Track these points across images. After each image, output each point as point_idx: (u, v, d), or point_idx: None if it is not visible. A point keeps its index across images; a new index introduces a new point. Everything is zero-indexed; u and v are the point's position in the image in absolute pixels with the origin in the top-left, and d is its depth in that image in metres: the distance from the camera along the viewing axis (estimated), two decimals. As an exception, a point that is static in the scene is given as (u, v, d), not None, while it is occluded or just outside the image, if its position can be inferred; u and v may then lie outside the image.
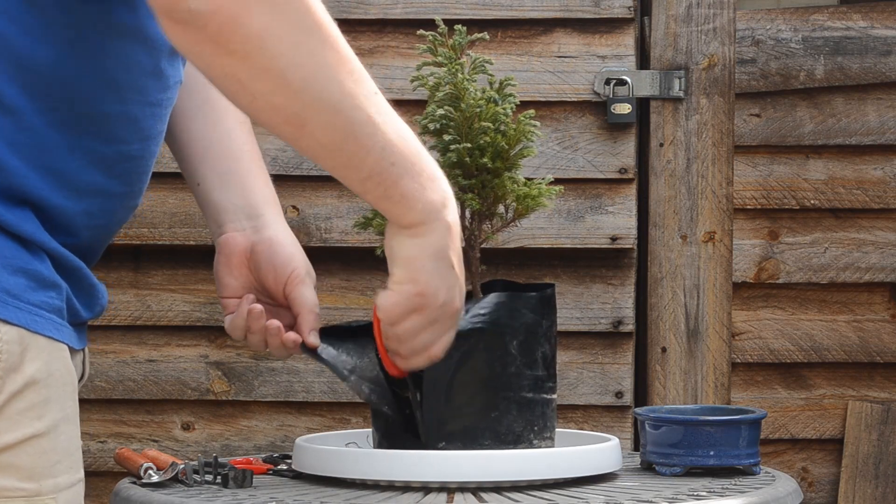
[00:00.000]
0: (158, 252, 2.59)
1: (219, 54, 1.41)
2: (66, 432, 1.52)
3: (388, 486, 1.67)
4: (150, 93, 1.60)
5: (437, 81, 1.76)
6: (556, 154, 2.56)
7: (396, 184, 1.54)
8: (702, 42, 2.57)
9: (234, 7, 1.39)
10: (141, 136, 1.61)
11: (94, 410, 2.59)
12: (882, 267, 2.60)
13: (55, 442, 1.50)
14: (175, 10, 1.38)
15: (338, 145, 1.50)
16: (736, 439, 1.78)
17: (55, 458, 1.50)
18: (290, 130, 1.48)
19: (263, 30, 1.41)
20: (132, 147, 1.60)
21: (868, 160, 2.60)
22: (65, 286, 1.54)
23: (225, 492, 1.67)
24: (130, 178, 1.62)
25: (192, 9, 1.38)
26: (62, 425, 1.51)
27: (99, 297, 1.62)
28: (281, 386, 2.59)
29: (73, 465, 1.53)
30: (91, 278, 1.60)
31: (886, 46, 2.59)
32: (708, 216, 2.57)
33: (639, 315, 2.60)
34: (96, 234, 1.61)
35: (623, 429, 2.56)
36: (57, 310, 1.52)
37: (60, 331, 1.52)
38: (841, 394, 2.62)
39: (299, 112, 1.46)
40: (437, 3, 2.55)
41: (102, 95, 1.55)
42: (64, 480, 1.51)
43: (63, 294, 1.53)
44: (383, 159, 1.52)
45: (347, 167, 1.52)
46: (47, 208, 1.52)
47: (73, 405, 1.54)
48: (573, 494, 1.63)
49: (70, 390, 1.54)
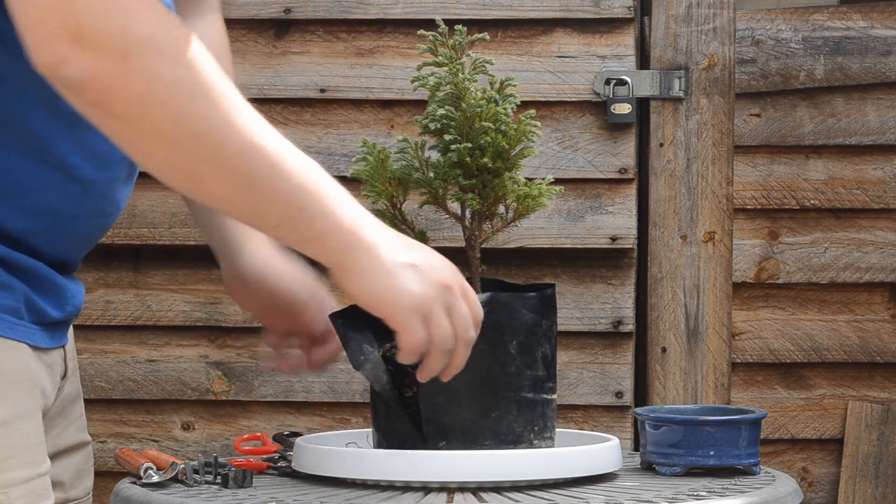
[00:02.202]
0: (158, 252, 2.59)
1: (104, 117, 1.41)
2: (21, 428, 1.52)
3: (388, 486, 1.67)
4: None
5: (438, 81, 1.75)
6: (556, 154, 2.56)
7: (310, 226, 1.52)
8: (702, 42, 2.57)
9: (110, 74, 1.38)
10: (97, 160, 1.60)
11: (94, 410, 2.59)
12: (882, 267, 2.60)
13: (8, 438, 1.50)
14: (55, 77, 1.39)
15: (240, 197, 1.49)
16: (736, 439, 1.78)
17: (8, 452, 1.50)
18: (189, 186, 1.49)
19: (145, 94, 1.40)
20: (84, 171, 1.60)
21: (868, 160, 2.61)
22: (20, 286, 1.54)
23: (225, 492, 1.67)
24: (87, 201, 1.62)
25: (69, 76, 1.38)
26: (16, 422, 1.51)
27: (69, 297, 1.62)
28: (281, 386, 2.59)
29: (32, 461, 1.53)
30: (55, 278, 1.60)
31: (886, 46, 2.59)
32: (708, 216, 2.57)
33: (639, 315, 2.60)
34: (56, 247, 1.61)
35: (623, 429, 2.56)
36: (11, 309, 1.52)
37: (14, 329, 1.52)
38: (841, 394, 2.62)
39: (194, 169, 1.45)
40: (436, 3, 2.55)
41: (41, 116, 1.55)
42: (19, 475, 1.51)
43: (17, 294, 1.53)
44: (290, 205, 1.51)
45: (255, 216, 1.52)
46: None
47: (31, 401, 1.54)
48: (573, 494, 1.63)
49: (27, 387, 1.54)
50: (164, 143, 1.43)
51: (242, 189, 1.49)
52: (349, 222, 1.54)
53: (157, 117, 1.42)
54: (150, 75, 1.40)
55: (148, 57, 1.40)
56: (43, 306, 1.57)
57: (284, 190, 1.50)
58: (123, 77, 1.39)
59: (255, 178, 1.48)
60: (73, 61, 1.37)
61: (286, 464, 1.83)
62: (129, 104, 1.40)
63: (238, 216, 1.54)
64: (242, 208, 1.51)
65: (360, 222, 1.55)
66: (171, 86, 1.42)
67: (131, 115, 1.41)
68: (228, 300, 2.57)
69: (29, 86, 1.51)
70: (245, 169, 1.48)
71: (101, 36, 1.37)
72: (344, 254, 1.55)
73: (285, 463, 1.84)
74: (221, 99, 1.45)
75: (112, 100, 1.39)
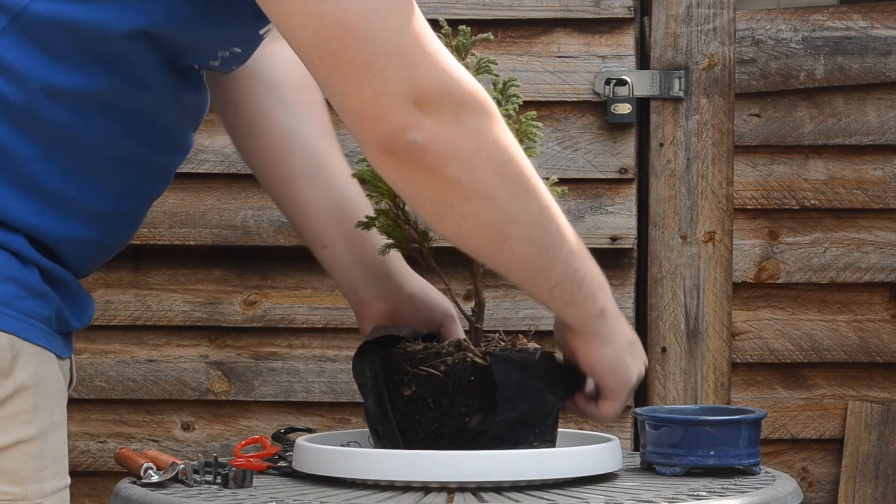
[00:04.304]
0: (158, 252, 2.59)
1: (432, 181, 1.47)
2: (54, 438, 1.53)
3: (388, 486, 1.67)
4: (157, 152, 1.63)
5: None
6: (556, 154, 2.56)
7: (580, 287, 1.62)
8: (702, 42, 2.57)
9: (448, 135, 1.45)
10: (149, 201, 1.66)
11: (94, 410, 2.59)
12: (882, 267, 2.60)
13: (42, 448, 1.50)
14: (394, 144, 1.44)
15: (533, 257, 1.57)
16: (736, 439, 1.78)
17: (42, 463, 1.50)
18: (492, 248, 1.55)
19: (474, 153, 1.47)
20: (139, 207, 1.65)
21: (868, 160, 2.60)
22: (55, 296, 1.54)
23: (225, 492, 1.67)
24: (127, 231, 1.66)
25: (410, 141, 1.44)
26: (50, 432, 1.52)
27: (88, 308, 1.63)
28: (281, 386, 2.59)
29: (60, 472, 1.54)
30: (80, 289, 1.61)
31: (886, 46, 2.59)
32: (708, 216, 2.57)
33: (639, 315, 2.60)
34: (86, 266, 1.63)
35: (623, 429, 2.56)
36: (46, 319, 1.53)
37: (49, 339, 1.53)
38: (841, 394, 2.62)
39: (503, 229, 1.53)
40: (437, 3, 2.55)
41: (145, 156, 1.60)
42: (49, 486, 1.52)
43: (52, 304, 1.54)
44: (569, 266, 1.60)
45: (538, 277, 1.59)
46: (34, 235, 1.54)
47: (60, 412, 1.55)
48: (573, 494, 1.63)
49: (59, 397, 1.55)
50: (486, 201, 1.50)
51: (540, 249, 1.57)
52: (603, 289, 1.66)
53: (484, 175, 1.49)
54: (478, 133, 1.48)
55: (474, 116, 1.48)
56: (69, 317, 1.58)
57: (567, 250, 1.59)
58: (458, 138, 1.46)
59: (550, 236, 1.57)
60: (416, 125, 1.44)
61: (286, 464, 1.83)
62: (461, 163, 1.47)
63: (523, 276, 1.60)
64: (531, 268, 1.59)
65: (607, 290, 1.67)
66: (493, 143, 1.50)
67: (460, 176, 1.47)
68: (228, 300, 2.57)
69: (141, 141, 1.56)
70: (545, 229, 1.56)
71: (441, 99, 1.45)
72: (598, 319, 1.66)
73: (285, 463, 1.84)
74: (521, 154, 1.54)
75: (446, 161, 1.46)
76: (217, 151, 2.53)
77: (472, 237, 1.53)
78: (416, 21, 1.45)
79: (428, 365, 1.68)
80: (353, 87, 1.43)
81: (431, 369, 1.68)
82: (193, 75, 1.61)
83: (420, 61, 1.44)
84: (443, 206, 1.49)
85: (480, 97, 1.49)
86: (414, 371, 1.69)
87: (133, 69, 1.51)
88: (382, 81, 1.42)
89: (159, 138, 1.59)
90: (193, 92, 1.62)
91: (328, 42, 1.43)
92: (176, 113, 1.61)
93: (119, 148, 1.55)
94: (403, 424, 1.71)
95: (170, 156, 1.64)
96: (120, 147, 1.55)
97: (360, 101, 1.43)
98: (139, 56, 1.50)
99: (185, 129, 1.65)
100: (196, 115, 1.67)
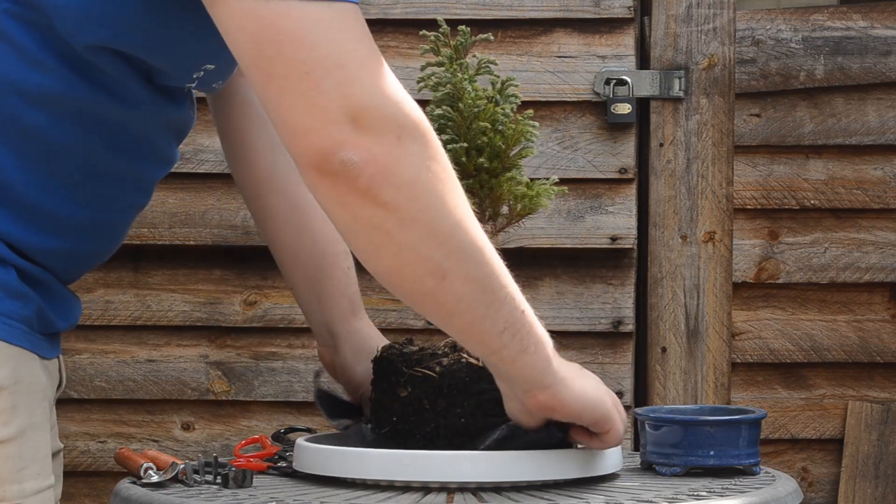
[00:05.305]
0: (158, 252, 2.59)
1: (368, 205, 1.38)
2: (34, 439, 1.52)
3: (388, 486, 1.67)
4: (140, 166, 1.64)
5: (438, 81, 1.75)
6: (556, 154, 2.56)
7: (531, 332, 1.51)
8: (702, 42, 2.57)
9: (386, 158, 1.37)
10: (133, 213, 1.66)
11: (94, 410, 2.59)
12: (882, 267, 2.60)
13: (22, 448, 1.50)
14: (326, 163, 1.36)
15: (477, 296, 1.46)
16: (736, 439, 1.78)
17: (21, 464, 1.50)
18: (432, 284, 1.44)
19: (413, 180, 1.39)
20: (119, 219, 1.65)
21: (868, 160, 2.61)
22: (35, 296, 1.54)
23: (225, 492, 1.67)
24: (109, 241, 1.66)
25: (344, 159, 1.36)
26: (30, 432, 1.51)
27: (74, 308, 1.63)
28: (281, 386, 2.59)
29: (41, 472, 1.53)
30: (63, 289, 1.60)
31: (886, 46, 2.59)
32: (708, 216, 2.57)
33: (639, 315, 2.60)
34: (69, 271, 1.63)
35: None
36: (26, 319, 1.52)
37: (29, 339, 1.53)
38: (841, 394, 2.62)
39: (442, 264, 1.43)
40: (437, 2, 2.55)
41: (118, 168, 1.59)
42: (30, 486, 1.51)
43: (32, 304, 1.54)
44: (515, 308, 1.49)
45: (485, 319, 1.48)
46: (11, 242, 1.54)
47: (42, 413, 1.54)
48: (573, 494, 1.63)
49: (40, 398, 1.54)
50: (425, 232, 1.41)
51: (482, 290, 1.46)
52: (542, 332, 1.54)
53: (423, 204, 1.40)
54: (419, 159, 1.40)
55: (417, 143, 1.39)
56: (52, 317, 1.58)
57: (509, 292, 1.48)
58: (397, 161, 1.38)
59: (491, 277, 1.46)
60: (351, 143, 1.36)
61: (286, 464, 1.83)
62: (398, 189, 1.38)
63: (467, 319, 1.48)
64: (475, 310, 1.47)
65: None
66: (435, 174, 1.41)
67: (397, 202, 1.39)
68: (228, 300, 2.57)
69: (124, 153, 1.55)
70: (485, 269, 1.46)
71: (380, 120, 1.37)
72: (552, 366, 1.54)
73: (285, 463, 1.84)
74: (461, 190, 1.45)
75: (383, 184, 1.38)
76: (217, 151, 2.53)
77: (411, 271, 1.43)
78: (360, 35, 1.38)
79: (423, 366, 1.68)
80: (287, 98, 1.36)
81: (427, 370, 1.68)
82: (178, 93, 1.61)
83: (361, 77, 1.36)
84: (379, 235, 1.40)
85: (423, 126, 1.41)
86: (410, 372, 1.69)
87: (111, 81, 1.50)
88: (317, 94, 1.35)
89: (140, 152, 1.58)
90: (177, 109, 1.61)
91: (264, 48, 1.36)
92: (159, 128, 1.60)
93: (97, 159, 1.55)
94: (401, 426, 1.71)
95: (151, 169, 1.64)
96: (98, 158, 1.55)
97: (294, 113, 1.36)
98: (112, 68, 1.49)
99: (169, 143, 1.64)
100: (180, 132, 1.66)
